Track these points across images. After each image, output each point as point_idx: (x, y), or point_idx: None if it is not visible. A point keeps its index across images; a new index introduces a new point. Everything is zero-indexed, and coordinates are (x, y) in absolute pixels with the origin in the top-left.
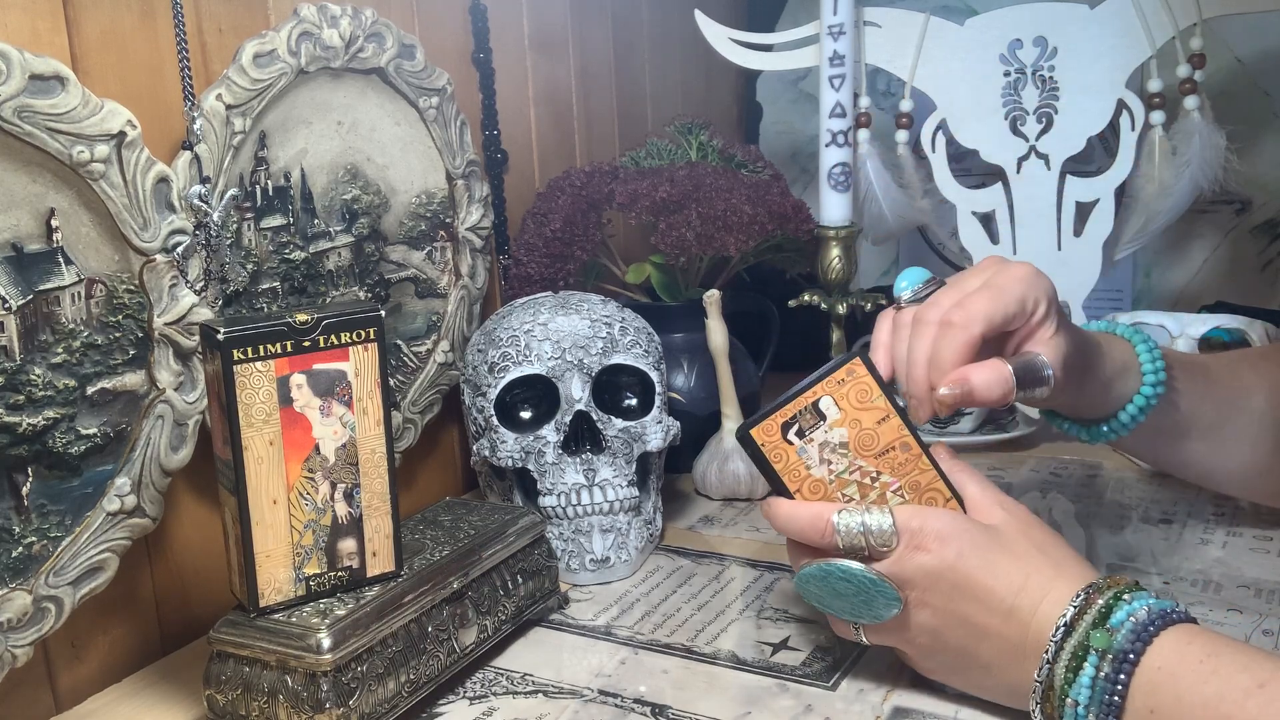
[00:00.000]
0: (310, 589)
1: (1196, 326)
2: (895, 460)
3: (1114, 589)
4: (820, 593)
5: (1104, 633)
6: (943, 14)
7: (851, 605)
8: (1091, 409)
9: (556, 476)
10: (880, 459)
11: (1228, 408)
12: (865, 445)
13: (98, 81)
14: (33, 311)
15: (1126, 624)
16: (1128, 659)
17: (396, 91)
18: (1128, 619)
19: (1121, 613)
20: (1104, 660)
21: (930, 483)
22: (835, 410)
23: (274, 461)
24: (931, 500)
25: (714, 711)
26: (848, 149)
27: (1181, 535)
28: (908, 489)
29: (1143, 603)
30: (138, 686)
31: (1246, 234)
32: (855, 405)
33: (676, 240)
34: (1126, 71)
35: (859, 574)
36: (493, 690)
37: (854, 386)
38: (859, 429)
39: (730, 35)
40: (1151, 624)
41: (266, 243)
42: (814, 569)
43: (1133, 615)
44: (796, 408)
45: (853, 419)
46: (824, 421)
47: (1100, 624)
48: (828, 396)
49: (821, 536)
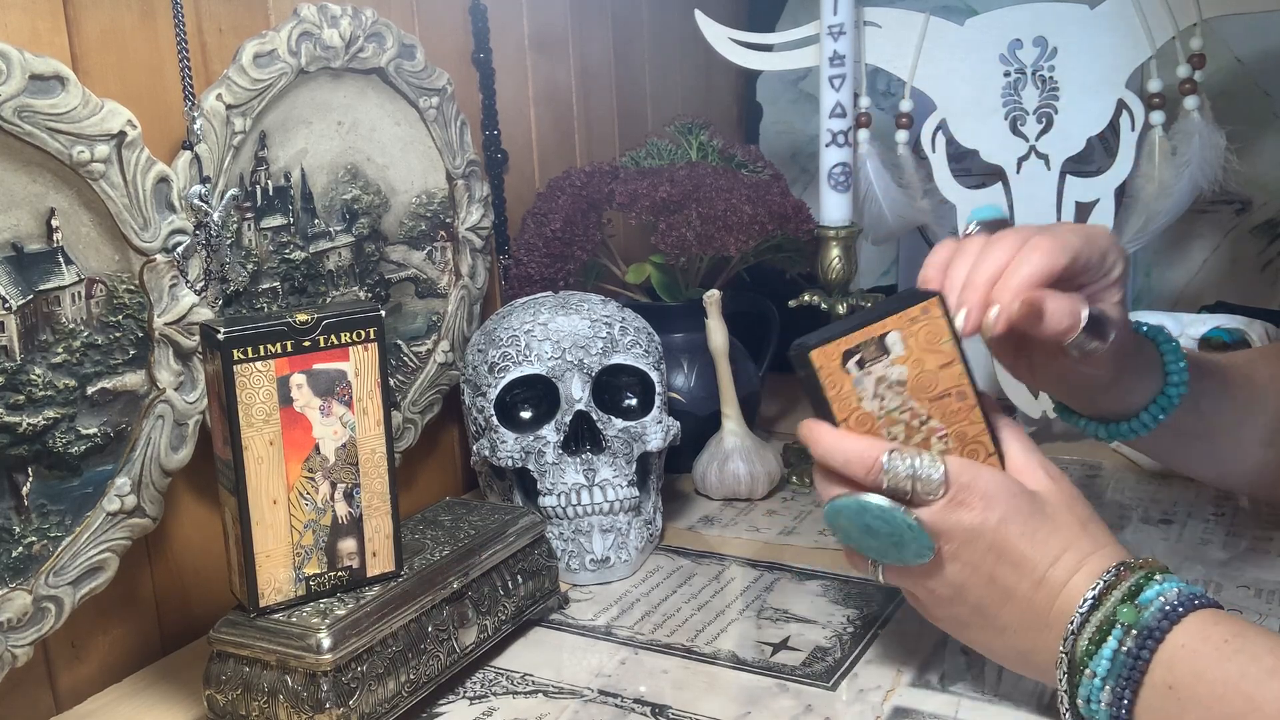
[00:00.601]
0: (310, 589)
1: (1196, 326)
2: (949, 408)
3: (1146, 569)
4: (850, 527)
5: (1132, 608)
6: (943, 14)
7: (881, 545)
8: (1112, 404)
9: (556, 476)
10: (934, 404)
11: (1244, 409)
12: (923, 387)
13: (98, 81)
14: (33, 311)
15: (1156, 602)
16: (1153, 635)
17: (396, 91)
18: (1157, 598)
19: (1152, 591)
20: (1128, 635)
21: (977, 435)
22: (900, 347)
23: (274, 461)
24: (974, 453)
25: (714, 711)
26: (848, 149)
27: (1181, 535)
28: (953, 438)
29: (1173, 585)
30: (138, 686)
31: (1246, 234)
32: (923, 345)
33: (676, 240)
34: (1126, 71)
35: (899, 518)
36: (493, 690)
37: (926, 326)
38: (920, 370)
39: (730, 35)
40: (1181, 604)
41: (266, 243)
42: (850, 502)
43: (1163, 595)
44: (863, 337)
45: (916, 359)
46: (887, 356)
47: (1129, 600)
48: (896, 332)
49: (867, 473)
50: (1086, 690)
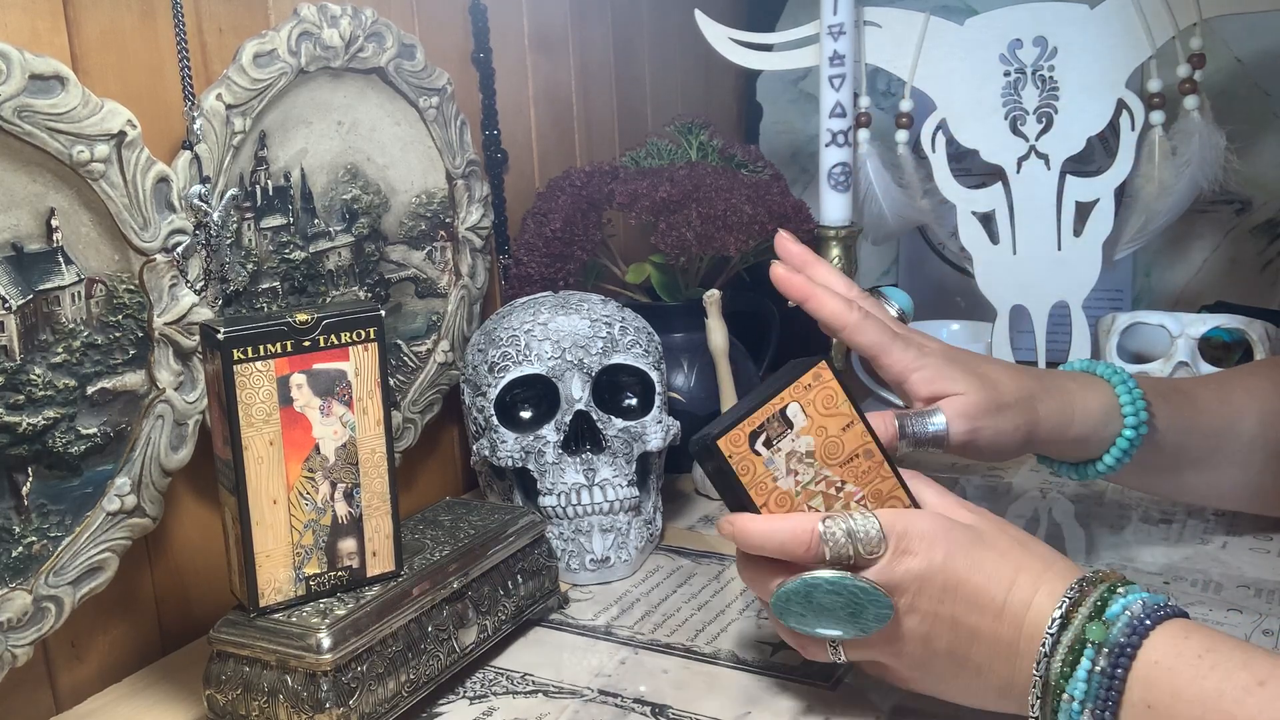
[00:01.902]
0: (310, 589)
1: (1196, 326)
2: (859, 468)
3: (1107, 582)
4: (804, 611)
5: (1100, 625)
6: (943, 14)
7: (838, 620)
8: (1075, 453)
9: (556, 476)
10: (845, 467)
11: (1216, 436)
12: (831, 453)
13: (98, 81)
14: (33, 311)
15: (1122, 617)
16: (1125, 652)
17: (396, 91)
18: (1123, 611)
19: (1117, 605)
20: (1100, 654)
21: (891, 490)
22: (803, 417)
23: (274, 461)
24: (893, 507)
25: (714, 711)
26: (848, 149)
27: (1181, 535)
28: (870, 497)
29: (1136, 596)
30: (138, 686)
31: (1246, 234)
32: (821, 411)
33: (676, 240)
34: (1126, 71)
35: (850, 584)
36: (493, 690)
37: (820, 392)
38: (825, 436)
39: (730, 35)
40: (1147, 617)
41: (266, 243)
42: (797, 585)
43: (1128, 608)
44: (764, 415)
45: (819, 425)
46: (791, 430)
47: (1096, 616)
48: (795, 403)
49: (807, 549)
50: (1066, 715)
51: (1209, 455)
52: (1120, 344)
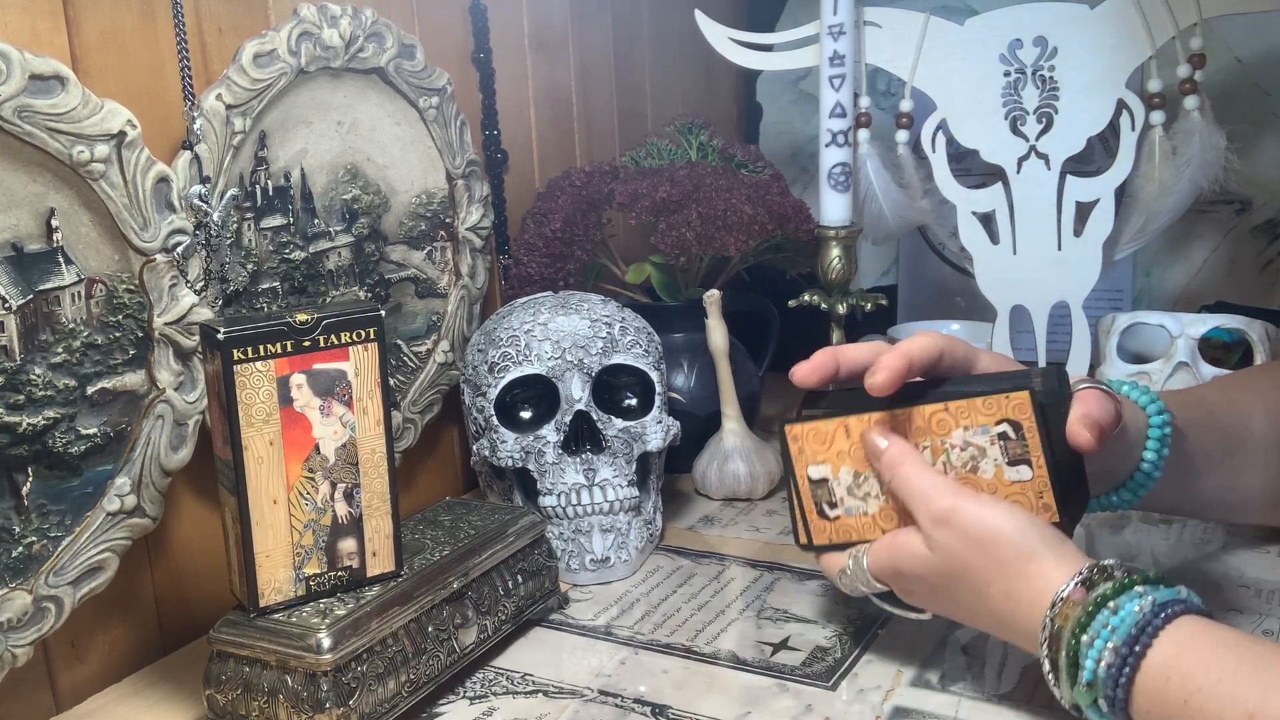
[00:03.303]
0: (310, 589)
1: (1196, 326)
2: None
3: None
4: None
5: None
6: (943, 14)
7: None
8: (1105, 473)
9: (556, 476)
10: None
11: (1231, 437)
12: (863, 458)
13: (98, 81)
14: (33, 311)
15: (1105, 655)
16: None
17: (396, 91)
18: (1108, 641)
19: (1128, 607)
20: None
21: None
22: (822, 465)
23: (274, 461)
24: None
25: (714, 711)
26: (848, 149)
27: (1181, 535)
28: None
29: (1134, 603)
30: (138, 686)
31: (1246, 234)
32: (820, 448)
33: (676, 240)
34: (1126, 71)
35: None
36: (493, 690)
37: (810, 438)
38: (845, 454)
39: (730, 35)
40: (1142, 635)
41: (266, 243)
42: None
43: (1129, 617)
44: (805, 494)
45: (835, 454)
46: (829, 481)
47: (1074, 666)
48: (813, 464)
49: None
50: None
51: (1229, 456)
52: (1120, 344)
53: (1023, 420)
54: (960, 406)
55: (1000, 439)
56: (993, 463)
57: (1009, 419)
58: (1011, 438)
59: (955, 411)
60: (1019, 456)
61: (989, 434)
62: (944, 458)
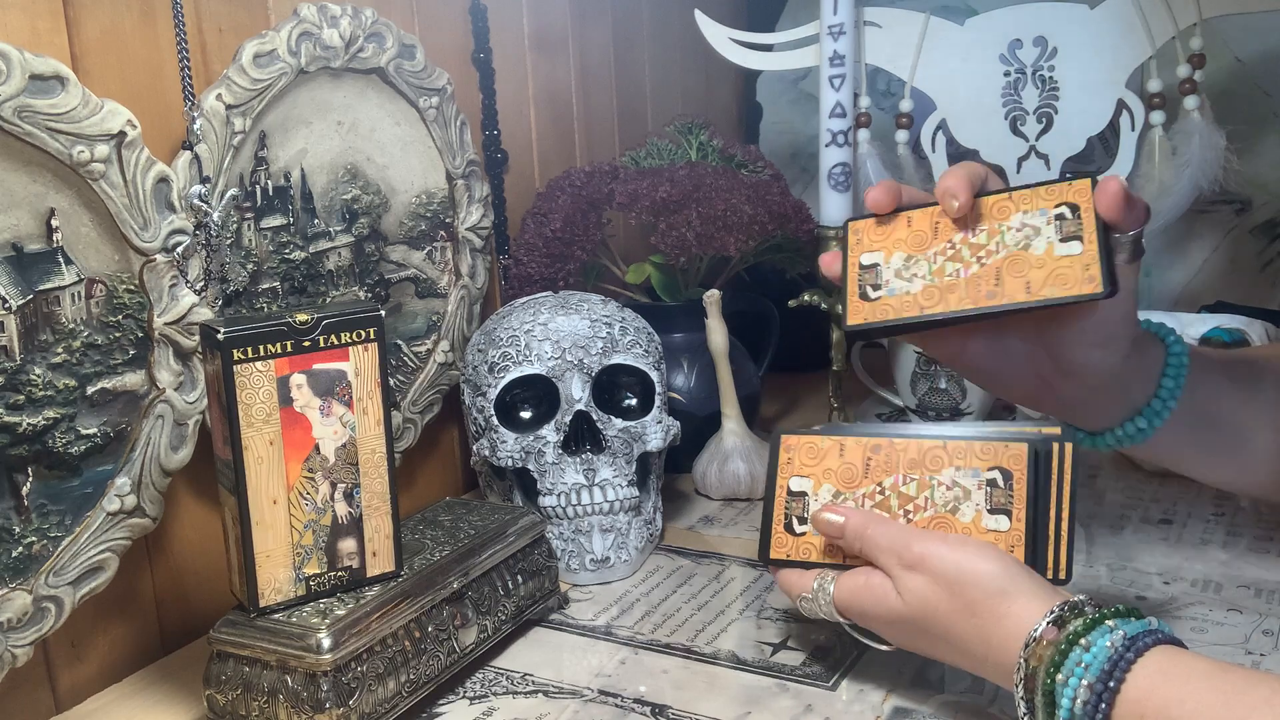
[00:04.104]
0: (310, 589)
1: (1196, 326)
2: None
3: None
4: None
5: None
6: (943, 14)
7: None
8: (1112, 404)
9: (556, 476)
10: (868, 474)
11: (1245, 389)
12: (847, 479)
13: (98, 81)
14: (33, 311)
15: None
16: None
17: (396, 91)
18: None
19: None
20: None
21: None
22: (805, 479)
23: (274, 461)
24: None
25: (714, 711)
26: (848, 149)
27: (1181, 535)
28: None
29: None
30: (138, 686)
31: (1246, 234)
32: (810, 462)
33: (676, 240)
34: (1126, 71)
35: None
36: (493, 690)
37: (802, 451)
38: (832, 472)
39: (730, 35)
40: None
41: (266, 243)
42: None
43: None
44: (779, 505)
45: (822, 470)
46: (807, 495)
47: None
48: (797, 477)
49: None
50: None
51: (1244, 405)
52: None
53: (1014, 470)
54: (958, 446)
55: (988, 485)
56: (974, 507)
57: (1001, 467)
58: (999, 486)
59: (952, 450)
60: (1000, 506)
61: (978, 478)
62: (928, 493)
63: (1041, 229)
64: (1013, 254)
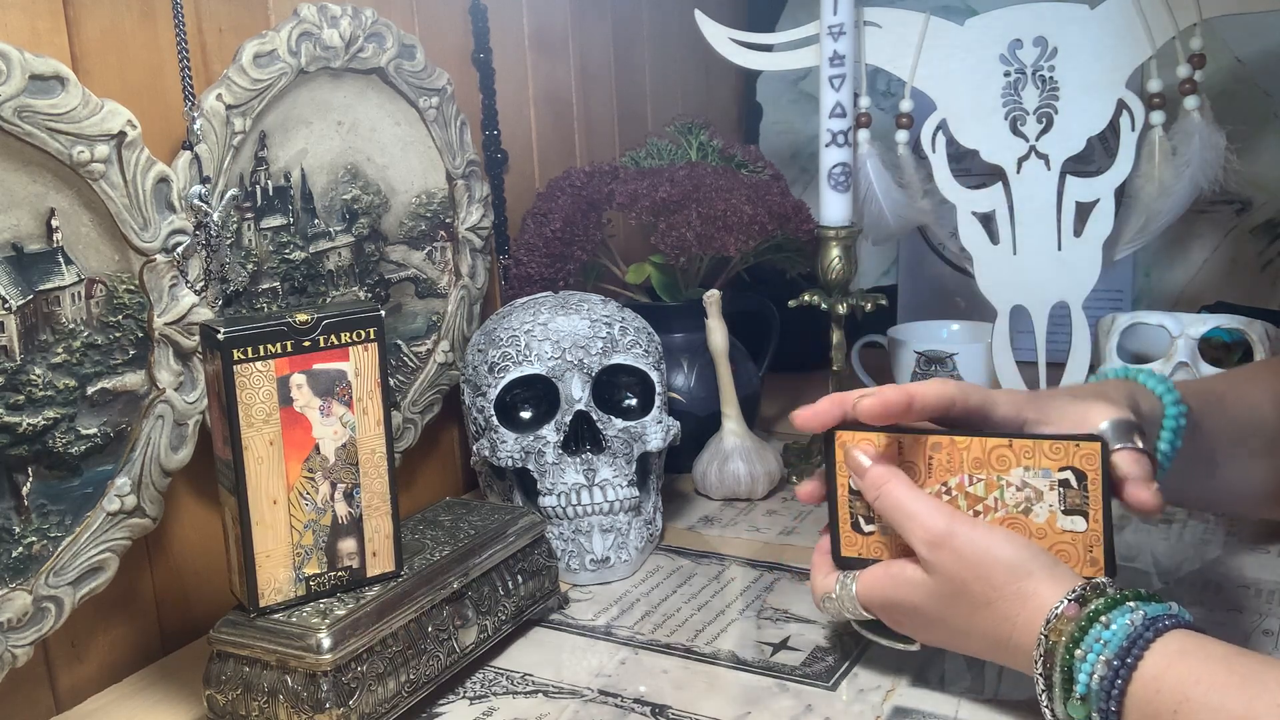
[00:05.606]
0: (310, 589)
1: (1196, 326)
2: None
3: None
4: None
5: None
6: (943, 14)
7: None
8: None
9: (556, 476)
10: None
11: (1241, 423)
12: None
13: (98, 81)
14: (33, 311)
15: (1097, 674)
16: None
17: (396, 91)
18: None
19: (1118, 622)
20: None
21: None
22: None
23: (274, 461)
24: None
25: (714, 711)
26: (848, 149)
27: (1181, 535)
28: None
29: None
30: (138, 686)
31: (1246, 234)
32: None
33: (676, 240)
34: (1126, 71)
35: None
36: (493, 690)
37: (843, 462)
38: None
39: (730, 35)
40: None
41: (266, 243)
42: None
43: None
44: (843, 505)
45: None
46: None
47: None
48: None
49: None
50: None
51: (1240, 444)
52: (1120, 344)
53: (1088, 471)
54: (1025, 446)
55: (1061, 485)
56: (1047, 508)
57: (1073, 467)
58: (1073, 486)
59: (1019, 450)
60: (1075, 507)
61: (1050, 478)
62: (997, 493)
63: (1044, 494)
64: (1011, 516)
